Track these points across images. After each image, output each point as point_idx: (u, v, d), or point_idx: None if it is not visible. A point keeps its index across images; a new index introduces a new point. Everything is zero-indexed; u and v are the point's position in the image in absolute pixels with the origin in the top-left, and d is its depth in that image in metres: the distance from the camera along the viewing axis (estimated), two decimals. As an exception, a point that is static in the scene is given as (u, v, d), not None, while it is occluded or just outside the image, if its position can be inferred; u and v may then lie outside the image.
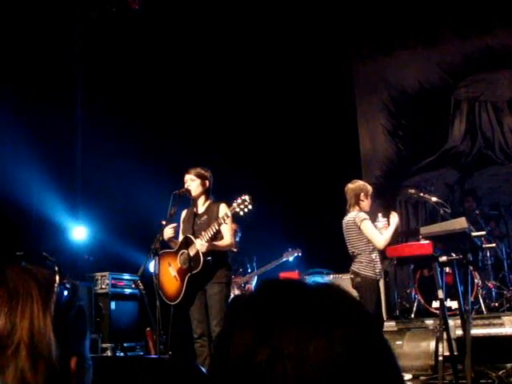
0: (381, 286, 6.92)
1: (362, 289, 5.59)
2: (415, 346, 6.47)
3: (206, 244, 5.36)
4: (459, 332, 5.90)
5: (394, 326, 7.42)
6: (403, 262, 6.96)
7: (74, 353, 1.19)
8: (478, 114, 10.63)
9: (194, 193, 5.67)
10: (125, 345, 7.87)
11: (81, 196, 9.09)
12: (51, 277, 1.18)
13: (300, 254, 8.05)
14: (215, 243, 5.46)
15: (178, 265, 5.63)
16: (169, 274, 5.69)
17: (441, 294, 5.22)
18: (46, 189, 8.17)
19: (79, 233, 8.79)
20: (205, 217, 5.63)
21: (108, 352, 7.66)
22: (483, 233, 6.09)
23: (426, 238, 5.23)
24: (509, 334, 6.60)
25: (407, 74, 11.02)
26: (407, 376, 6.03)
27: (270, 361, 0.79)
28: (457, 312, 6.05)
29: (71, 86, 9.10)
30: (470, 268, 6.11)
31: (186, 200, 5.80)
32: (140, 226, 7.86)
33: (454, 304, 6.67)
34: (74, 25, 9.11)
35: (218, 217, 5.46)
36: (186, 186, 5.69)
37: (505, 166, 10.28)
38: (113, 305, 8.12)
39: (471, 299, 6.58)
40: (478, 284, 7.60)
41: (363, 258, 5.65)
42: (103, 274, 8.22)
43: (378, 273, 5.70)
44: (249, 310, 0.86)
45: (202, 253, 5.38)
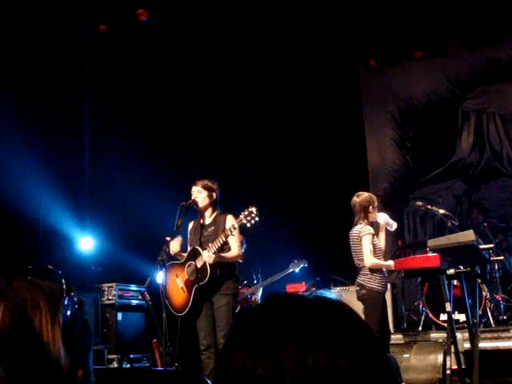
0: (388, 298, 6.92)
1: (367, 301, 5.57)
2: (423, 358, 6.42)
3: (213, 256, 5.36)
4: (467, 345, 5.87)
5: (401, 338, 7.39)
6: (411, 275, 6.92)
7: (80, 365, 1.19)
8: (485, 126, 10.60)
9: (200, 204, 5.68)
10: (131, 356, 7.85)
11: (88, 206, 9.10)
12: (59, 290, 1.20)
13: (306, 264, 8.03)
14: (222, 255, 5.46)
15: (186, 276, 5.63)
16: (176, 286, 5.69)
17: (448, 306, 5.20)
18: (54, 199, 8.19)
19: (86, 243, 8.79)
20: (212, 228, 5.63)
21: (114, 363, 7.65)
22: (491, 246, 6.08)
23: (434, 251, 5.21)
24: (517, 347, 6.56)
25: (415, 86, 11.01)
26: (415, 389, 5.99)
27: (270, 375, 0.80)
28: (465, 325, 6.04)
29: (80, 96, 9.13)
30: (478, 281, 6.08)
31: (193, 211, 5.81)
32: (147, 237, 7.85)
33: (461, 317, 6.64)
34: (83, 35, 9.15)
35: (225, 228, 5.46)
36: (192, 197, 5.70)
37: (513, 179, 10.26)
38: (119, 316, 8.11)
39: (479, 312, 6.55)
40: (486, 297, 7.55)
41: (369, 271, 5.64)
42: (110, 284, 8.21)
43: (383, 285, 5.70)
44: (250, 325, 0.87)
45: (209, 264, 5.38)
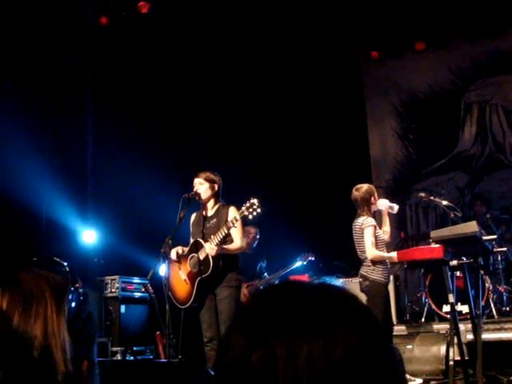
0: (391, 290, 6.93)
1: (370, 292, 5.58)
2: (426, 350, 6.43)
3: (216, 247, 5.36)
4: (470, 336, 5.88)
5: (404, 330, 7.39)
6: (413, 266, 6.94)
7: (85, 356, 1.20)
8: (488, 118, 10.58)
9: (203, 196, 5.68)
10: (134, 348, 7.86)
11: (91, 199, 9.11)
12: (64, 281, 1.20)
13: (313, 258, 8.04)
14: (225, 247, 5.46)
15: (188, 268, 5.63)
16: (179, 278, 5.69)
17: (451, 298, 5.20)
18: (56, 192, 8.20)
19: (89, 236, 8.80)
20: (214, 220, 5.63)
21: (118, 356, 7.67)
22: (494, 237, 6.07)
23: (437, 242, 5.20)
24: (520, 338, 6.56)
25: (417, 78, 10.99)
26: (418, 380, 6.00)
27: (263, 363, 0.80)
28: (467, 316, 6.03)
29: (82, 89, 9.13)
30: (481, 272, 6.08)
31: (196, 203, 5.81)
32: (150, 230, 7.86)
33: (464, 308, 6.64)
34: (85, 29, 9.14)
35: (227, 220, 5.47)
36: (194, 189, 5.70)
37: (516, 170, 10.24)
38: (123, 308, 8.13)
39: (482, 303, 6.55)
40: (488, 288, 7.55)
41: (371, 262, 5.64)
42: (113, 277, 8.22)
43: (386, 277, 5.71)
44: (249, 312, 0.87)
45: (212, 256, 5.38)
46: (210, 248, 5.37)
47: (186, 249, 5.76)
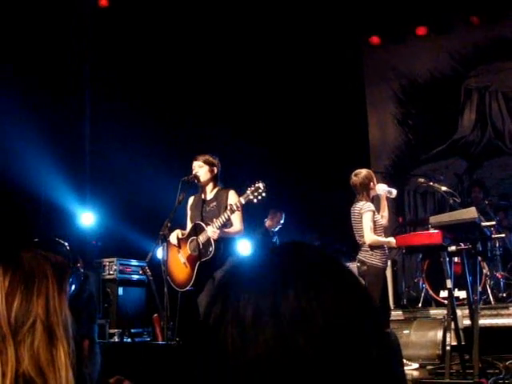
0: (388, 275, 6.95)
1: (367, 277, 5.59)
2: (422, 335, 6.46)
3: (218, 231, 5.35)
4: (467, 322, 5.89)
5: (401, 315, 7.42)
6: (412, 251, 6.93)
7: (86, 335, 1.20)
8: (488, 104, 10.57)
9: (202, 179, 5.66)
10: (132, 331, 7.88)
11: (89, 182, 9.10)
12: (65, 261, 1.20)
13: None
14: (226, 230, 5.46)
15: (188, 252, 5.62)
16: (178, 261, 5.69)
17: (449, 283, 5.21)
18: (55, 175, 8.18)
19: (87, 219, 8.80)
20: (214, 203, 5.62)
21: (115, 338, 7.69)
22: (493, 223, 6.08)
23: (435, 228, 5.20)
24: (516, 324, 6.59)
25: (417, 63, 10.95)
26: (414, 365, 6.03)
27: (219, 318, 0.80)
28: (465, 302, 6.05)
29: (80, 71, 9.08)
30: (479, 258, 6.08)
31: (194, 187, 5.79)
32: (148, 212, 7.86)
33: (461, 294, 6.66)
34: (83, 12, 9.08)
35: (227, 204, 5.46)
36: (193, 172, 5.68)
37: (514, 157, 10.24)
38: (120, 291, 8.14)
39: (479, 289, 6.57)
40: (486, 274, 7.57)
41: (369, 247, 5.66)
42: (111, 259, 8.23)
43: (384, 262, 5.73)
44: (221, 277, 0.88)
45: (213, 240, 5.38)
46: (212, 231, 5.36)
47: (185, 232, 5.75)
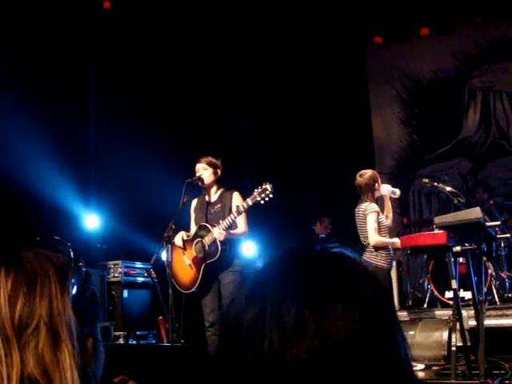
0: (393, 275, 6.94)
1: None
2: (428, 336, 6.44)
3: (225, 232, 5.37)
4: (472, 322, 5.87)
5: (406, 316, 7.40)
6: (417, 252, 6.92)
7: (90, 334, 1.20)
8: (492, 104, 10.54)
9: (206, 181, 5.68)
10: (137, 333, 7.89)
11: (93, 184, 9.11)
12: (67, 260, 1.20)
13: None
14: (232, 231, 5.48)
15: (194, 253, 5.63)
16: (183, 263, 5.69)
17: (454, 284, 5.20)
18: (59, 177, 8.19)
19: (92, 221, 8.80)
20: (219, 205, 5.64)
21: (121, 340, 7.69)
22: (498, 223, 6.07)
23: (440, 228, 5.19)
24: (522, 324, 6.57)
25: (421, 64, 10.94)
26: (420, 366, 6.02)
27: (254, 320, 0.79)
28: (470, 302, 6.03)
29: (84, 73, 9.09)
30: (484, 258, 6.07)
31: (197, 189, 5.80)
32: (152, 215, 7.86)
33: (467, 294, 6.64)
34: (88, 14, 9.09)
35: (231, 205, 5.48)
36: (197, 174, 5.70)
37: (519, 157, 10.21)
38: (125, 293, 8.14)
39: (484, 290, 6.54)
40: (491, 274, 7.55)
41: (374, 248, 5.64)
42: (116, 262, 8.23)
43: (389, 262, 5.72)
44: (251, 277, 0.87)
45: (220, 241, 5.39)
46: (218, 232, 5.38)
47: (189, 234, 5.75)
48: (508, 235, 7.48)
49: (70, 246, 4.07)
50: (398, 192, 6.01)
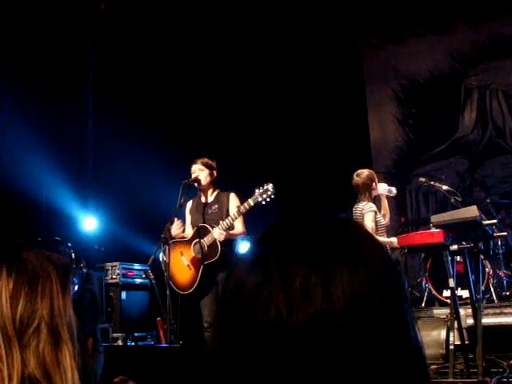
0: (391, 275, 6.92)
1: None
2: (426, 334, 6.43)
3: (224, 233, 5.38)
4: (470, 321, 5.88)
5: (404, 315, 7.39)
6: (414, 251, 6.93)
7: (90, 334, 1.21)
8: (488, 103, 10.55)
9: (203, 182, 5.69)
10: (136, 334, 7.89)
11: (91, 186, 9.11)
12: (68, 261, 1.21)
13: None
14: (231, 232, 5.50)
15: (192, 254, 5.63)
16: (181, 264, 5.69)
17: (452, 282, 5.20)
18: (57, 179, 8.19)
19: (89, 223, 8.81)
20: (216, 206, 5.65)
21: (119, 341, 7.69)
22: (495, 221, 6.06)
23: (437, 227, 5.19)
24: (520, 322, 6.57)
25: (417, 63, 10.95)
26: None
27: (259, 284, 0.78)
28: (468, 301, 6.04)
29: (82, 74, 9.09)
30: (481, 257, 6.08)
31: (193, 190, 5.82)
32: (150, 216, 7.87)
33: (464, 293, 6.65)
34: (86, 13, 9.09)
35: (228, 206, 5.50)
36: (194, 176, 5.70)
37: (516, 155, 10.22)
38: (123, 295, 8.14)
39: (482, 288, 6.56)
40: (488, 273, 7.56)
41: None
42: (113, 264, 8.23)
43: (386, 262, 5.71)
44: (253, 245, 0.86)
45: (220, 242, 5.40)
46: (218, 233, 5.39)
47: (187, 235, 5.75)
48: (505, 233, 7.46)
49: (71, 246, 4.07)
50: (394, 190, 6.03)
